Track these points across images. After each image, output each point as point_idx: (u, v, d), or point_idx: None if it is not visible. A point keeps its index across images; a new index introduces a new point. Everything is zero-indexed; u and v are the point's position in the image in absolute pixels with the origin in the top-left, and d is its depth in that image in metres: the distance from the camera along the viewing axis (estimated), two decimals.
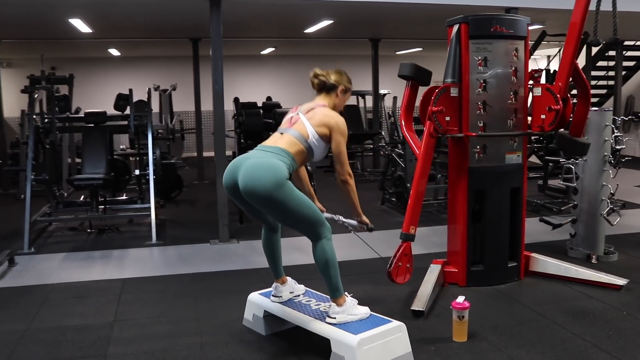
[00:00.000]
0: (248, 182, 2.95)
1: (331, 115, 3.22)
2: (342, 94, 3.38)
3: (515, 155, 4.24)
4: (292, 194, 2.98)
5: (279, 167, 2.98)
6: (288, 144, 3.13)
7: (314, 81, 3.37)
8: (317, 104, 3.30)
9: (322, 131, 3.17)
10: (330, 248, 3.10)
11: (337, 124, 3.19)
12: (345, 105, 10.15)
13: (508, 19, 4.05)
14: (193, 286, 4.41)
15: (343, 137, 3.21)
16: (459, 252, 4.26)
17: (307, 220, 3.05)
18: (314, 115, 3.21)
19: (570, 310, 3.78)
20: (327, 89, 3.35)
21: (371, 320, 3.15)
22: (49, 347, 3.37)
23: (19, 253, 5.28)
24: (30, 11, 6.47)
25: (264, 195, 2.93)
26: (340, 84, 3.35)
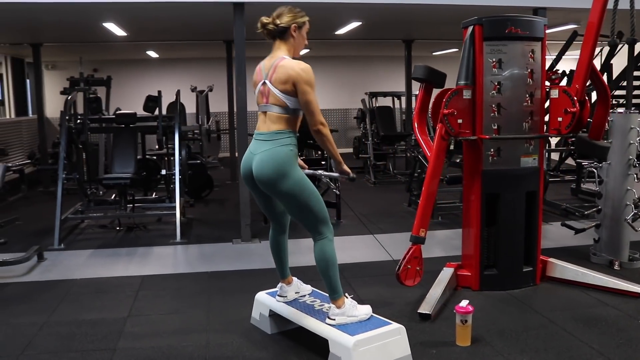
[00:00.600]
0: (258, 173, 3.05)
1: (290, 66, 3.00)
2: (297, 32, 3.10)
3: (531, 158, 4.18)
4: (300, 185, 3.04)
5: (284, 157, 3.02)
6: (276, 122, 3.06)
7: (263, 32, 3.10)
8: (276, 59, 3.06)
9: (289, 89, 3.00)
10: (331, 249, 3.13)
11: (298, 74, 2.98)
12: (378, 106, 10.18)
13: (523, 20, 3.99)
14: (209, 284, 4.50)
15: (308, 85, 2.99)
16: (472, 255, 4.22)
17: (313, 214, 3.09)
18: (277, 76, 3.02)
19: (583, 317, 3.70)
20: (279, 34, 3.09)
21: (371, 321, 3.16)
22: (64, 339, 3.51)
23: (49, 249, 5.50)
24: (66, 16, 6.72)
25: (272, 186, 3.03)
26: (292, 23, 3.07)
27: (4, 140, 9.60)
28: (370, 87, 11.53)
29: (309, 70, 3.01)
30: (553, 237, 5.68)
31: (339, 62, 13.64)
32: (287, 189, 3.03)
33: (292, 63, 3.03)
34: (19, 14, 6.51)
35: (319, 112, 3.04)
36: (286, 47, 3.11)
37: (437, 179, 4.02)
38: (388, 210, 7.07)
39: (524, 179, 4.17)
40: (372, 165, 9.26)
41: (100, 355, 3.29)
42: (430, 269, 4.28)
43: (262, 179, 3.06)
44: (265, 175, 3.04)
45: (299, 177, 3.06)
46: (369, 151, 9.30)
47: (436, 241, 5.69)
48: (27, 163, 8.33)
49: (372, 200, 7.93)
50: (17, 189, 8.48)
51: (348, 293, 3.30)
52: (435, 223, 6.42)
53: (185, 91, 10.96)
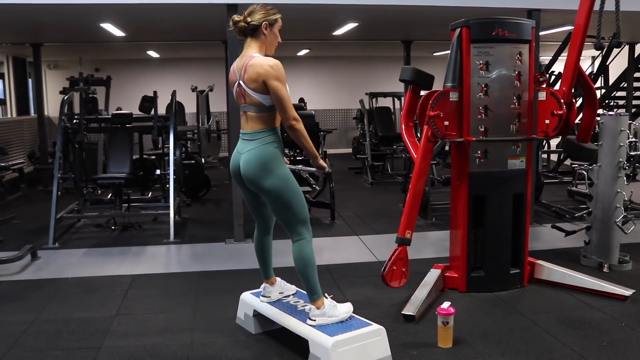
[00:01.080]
0: (247, 170, 3.10)
1: (259, 64, 2.99)
2: (268, 30, 3.09)
3: (519, 160, 4.18)
4: (285, 183, 3.09)
5: (268, 155, 3.07)
6: (257, 121, 3.09)
7: (235, 30, 3.11)
8: (247, 58, 3.06)
9: (259, 87, 3.00)
10: (309, 250, 3.15)
11: (267, 71, 2.97)
12: (377, 107, 10.18)
13: (510, 23, 4.00)
14: (198, 284, 4.54)
15: (278, 80, 2.97)
16: (459, 257, 4.23)
17: (294, 214, 3.12)
18: (248, 76, 3.02)
19: (567, 320, 3.71)
20: (250, 32, 3.08)
21: (351, 322, 3.18)
22: (51, 337, 3.55)
23: (43, 247, 5.54)
24: (64, 17, 6.77)
25: (257, 183, 3.09)
26: (262, 21, 3.06)
27: (5, 139, 9.67)
28: (371, 87, 11.53)
29: (278, 66, 3.00)
30: (545, 239, 5.68)
31: (340, 62, 13.66)
32: (271, 185, 3.08)
33: (261, 60, 3.02)
34: (18, 14, 6.56)
35: (291, 108, 3.03)
36: (257, 45, 3.11)
37: (423, 180, 4.04)
38: (383, 211, 7.08)
39: (511, 181, 4.18)
40: (370, 165, 9.28)
41: (85, 353, 3.32)
42: (421, 270, 4.31)
43: (248, 177, 3.12)
44: (251, 173, 3.10)
45: (283, 174, 3.11)
46: (367, 152, 9.32)
47: (429, 242, 5.70)
48: (18, 163, 8.39)
49: (368, 201, 7.95)
50: (17, 188, 8.55)
51: (328, 293, 3.33)
52: (428, 224, 6.44)
53: (186, 91, 11.05)
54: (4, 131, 9.83)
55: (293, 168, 3.45)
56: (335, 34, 8.67)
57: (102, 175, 6.17)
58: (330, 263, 5.01)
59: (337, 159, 12.35)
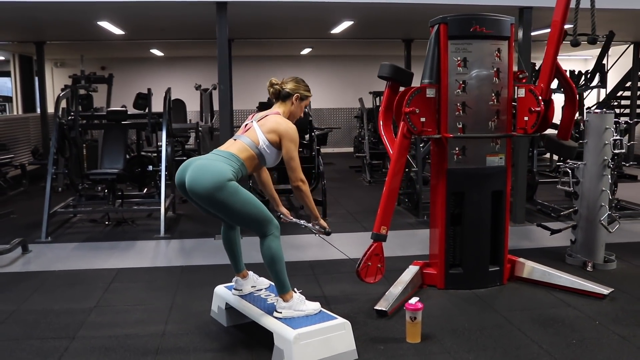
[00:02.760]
0: (191, 182, 3.09)
1: (281, 122, 3.30)
2: (297, 102, 3.44)
3: (498, 157, 4.18)
4: (234, 195, 3.06)
5: (222, 170, 3.07)
6: (239, 149, 3.25)
7: (269, 90, 3.45)
8: (271, 112, 3.41)
9: (272, 138, 3.26)
10: (277, 245, 3.18)
11: (287, 131, 3.27)
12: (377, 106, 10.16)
13: (488, 19, 3.99)
14: (180, 278, 4.58)
15: (293, 143, 3.27)
16: (437, 254, 4.23)
17: (251, 219, 3.14)
18: (266, 122, 3.31)
19: (541, 318, 3.70)
20: (282, 97, 3.43)
21: (317, 316, 3.20)
22: (28, 327, 3.61)
23: (36, 241, 5.63)
24: (62, 15, 6.87)
25: (205, 196, 3.06)
26: (296, 92, 3.42)
27: (11, 136, 9.83)
28: (374, 86, 11.51)
29: (295, 131, 3.30)
30: (534, 238, 5.66)
31: (343, 61, 13.68)
32: (220, 201, 3.05)
33: (284, 120, 3.33)
34: (19, 12, 6.68)
35: (299, 170, 3.29)
36: (283, 109, 3.42)
37: (399, 176, 4.06)
38: (377, 209, 7.06)
39: (490, 178, 4.17)
40: (369, 164, 9.28)
41: (58, 343, 3.38)
42: (405, 267, 4.33)
43: (194, 189, 3.07)
44: (198, 185, 3.05)
45: (232, 189, 3.05)
46: (366, 150, 9.33)
47: (416, 240, 5.70)
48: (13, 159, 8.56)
49: (364, 199, 7.95)
50: (19, 184, 8.69)
51: (298, 288, 3.35)
52: (419, 222, 6.44)
53: (190, 89, 11.14)
54: (10, 128, 9.99)
55: (296, 222, 3.59)
56: (334, 32, 8.69)
57: (94, 170, 6.24)
58: (313, 259, 5.04)
59: (340, 158, 12.40)
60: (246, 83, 12.65)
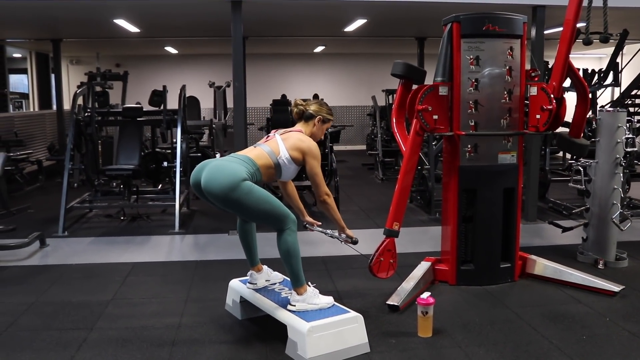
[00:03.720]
0: (206, 182, 3.15)
1: (304, 140, 3.42)
2: (319, 124, 3.56)
3: (510, 155, 4.20)
4: (249, 194, 3.12)
5: (237, 171, 3.14)
6: (257, 155, 3.34)
7: (294, 110, 3.59)
8: (294, 129, 3.53)
9: (294, 154, 3.37)
10: (293, 239, 3.23)
11: (310, 148, 3.38)
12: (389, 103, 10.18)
13: (501, 18, 4.02)
14: (195, 272, 4.66)
15: (316, 160, 3.40)
16: (449, 250, 4.27)
17: (267, 216, 3.20)
18: (288, 138, 3.42)
19: (551, 314, 3.73)
20: (305, 117, 3.56)
21: (330, 310, 3.26)
22: (47, 318, 3.70)
23: (53, 236, 5.74)
24: (79, 13, 6.97)
25: (220, 196, 3.12)
26: (319, 115, 3.54)
27: (28, 132, 9.97)
28: (387, 84, 11.53)
29: (317, 149, 3.44)
30: (545, 235, 5.68)
31: (356, 59, 13.71)
32: (234, 201, 3.12)
33: (306, 138, 3.46)
34: (36, 11, 6.79)
35: (324, 184, 3.45)
36: (305, 129, 3.55)
37: (411, 173, 4.10)
38: (389, 206, 7.11)
39: (501, 176, 4.20)
40: (381, 161, 9.32)
41: (77, 334, 3.46)
42: (416, 263, 4.37)
43: (209, 189, 3.13)
44: (213, 185, 3.11)
45: (246, 189, 3.11)
46: (378, 148, 9.36)
47: (428, 237, 5.73)
48: (28, 154, 8.68)
49: (376, 196, 8.00)
50: (35, 180, 8.81)
51: (311, 282, 3.41)
52: (431, 219, 6.47)
53: (204, 86, 11.22)
54: (27, 124, 10.13)
55: (322, 231, 3.73)
56: (347, 30, 8.73)
57: (109, 167, 6.33)
58: (326, 255, 5.09)
59: (353, 155, 12.45)
60: (259, 81, 12.73)
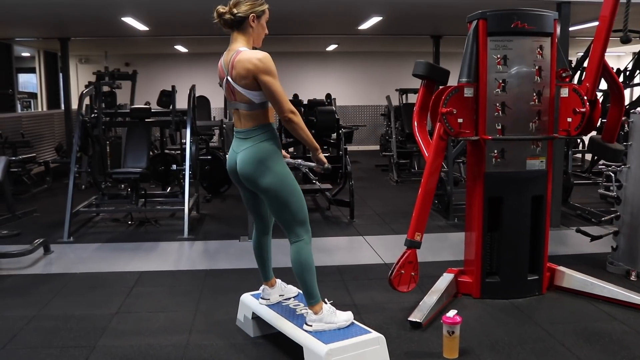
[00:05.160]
0: (244, 169, 2.99)
1: (247, 59, 2.83)
2: (255, 22, 2.94)
3: (538, 160, 3.95)
4: (283, 180, 2.97)
5: (264, 153, 2.94)
6: (249, 119, 2.94)
7: (220, 22, 2.95)
8: (233, 53, 2.90)
9: (249, 83, 2.85)
10: (308, 252, 3.01)
11: (256, 66, 2.80)
12: (404, 104, 10.01)
13: (531, 14, 3.77)
14: (204, 282, 4.44)
15: (268, 74, 2.81)
16: (473, 261, 4.03)
17: (292, 213, 2.99)
18: (236, 73, 2.86)
19: (585, 332, 3.47)
20: (236, 24, 2.92)
21: (349, 329, 3.02)
22: (48, 334, 3.49)
23: (58, 241, 5.55)
24: (86, 11, 6.79)
25: (255, 182, 2.98)
26: (250, 12, 2.90)
27: (36, 132, 9.82)
28: (401, 83, 11.30)
29: (267, 59, 2.83)
30: (571, 243, 5.42)
31: (369, 57, 13.46)
32: (269, 184, 2.95)
33: (249, 54, 2.85)
34: (44, 9, 6.64)
35: (286, 100, 2.88)
36: (244, 38, 2.95)
37: (434, 180, 3.85)
38: (405, 211, 6.84)
39: (530, 183, 3.95)
40: (396, 163, 9.07)
41: (78, 352, 3.25)
42: (437, 273, 4.14)
43: (245, 175, 3.01)
44: (248, 171, 2.98)
45: (281, 172, 2.98)
46: (393, 149, 9.11)
47: (448, 244, 5.49)
48: (32, 158, 8.51)
49: (391, 199, 7.76)
50: (42, 181, 8.65)
51: (329, 298, 3.18)
52: (450, 224, 6.23)
53: (214, 86, 11.02)
54: (35, 124, 9.99)
55: (292, 162, 3.31)
56: (361, 29, 8.49)
57: (117, 170, 6.13)
58: (342, 264, 4.86)
59: (365, 156, 12.20)
60: None
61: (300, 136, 3.00)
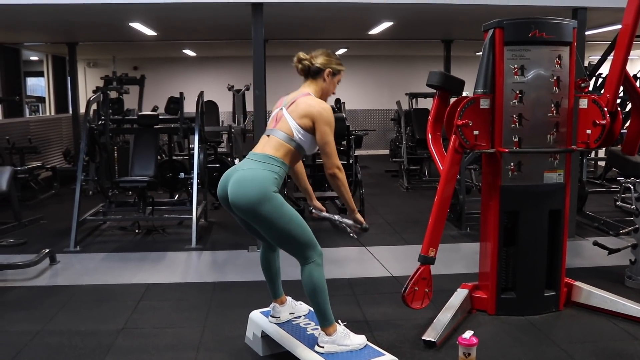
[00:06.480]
0: (234, 195, 2.83)
1: (313, 104, 2.95)
2: (330, 78, 3.08)
3: (556, 174, 3.83)
4: (279, 209, 2.81)
5: (265, 181, 2.81)
6: (275, 148, 2.92)
7: (297, 66, 3.08)
8: (301, 94, 3.03)
9: (305, 123, 2.92)
10: (319, 274, 2.90)
11: (320, 113, 2.91)
12: (414, 108, 9.88)
13: (549, 23, 3.65)
14: (212, 296, 4.34)
15: (328, 126, 2.92)
16: (488, 277, 3.91)
17: (295, 240, 2.86)
18: (296, 108, 2.96)
19: (606, 353, 3.35)
20: (312, 74, 3.07)
21: (363, 352, 2.93)
22: (52, 351, 3.41)
23: (64, 251, 5.47)
24: (94, 17, 6.72)
25: (248, 209, 2.81)
26: (327, 67, 3.05)
27: (44, 137, 9.77)
28: (411, 87, 11.17)
29: (330, 111, 2.96)
30: (586, 255, 5.28)
31: (379, 61, 13.34)
32: (264, 215, 2.79)
33: (317, 101, 2.98)
34: (52, 15, 6.57)
35: (335, 155, 2.96)
36: (314, 88, 3.07)
37: (449, 193, 3.74)
38: (416, 219, 6.75)
39: (547, 196, 3.83)
40: (406, 169, 8.95)
41: None
42: (449, 287, 4.04)
43: (237, 202, 2.83)
44: (241, 198, 2.81)
45: (277, 202, 2.81)
46: (403, 155, 8.99)
47: (460, 255, 5.37)
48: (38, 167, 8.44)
49: (402, 207, 7.64)
50: (50, 187, 8.59)
51: (342, 320, 3.07)
52: (462, 234, 6.11)
53: (223, 90, 10.94)
54: (43, 129, 9.94)
55: (329, 217, 3.29)
56: (371, 33, 8.39)
57: (124, 178, 6.05)
58: (352, 277, 4.76)
59: (375, 161, 12.08)
60: (279, 83, 12.33)
61: (341, 193, 3.05)
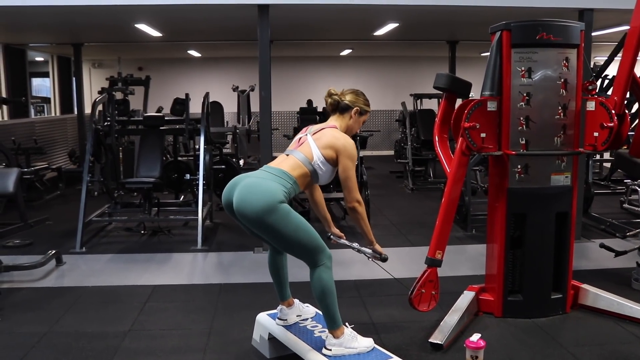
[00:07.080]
0: (239, 203, 2.83)
1: (338, 137, 3.05)
2: (357, 116, 3.20)
3: (563, 176, 3.82)
4: (286, 219, 2.81)
5: (273, 191, 2.81)
6: (291, 166, 2.98)
7: (327, 100, 3.21)
8: (328, 125, 3.16)
9: (328, 154, 3.01)
10: (328, 277, 2.90)
11: (345, 147, 3.01)
12: (419, 109, 9.88)
13: (556, 25, 3.64)
14: (219, 298, 4.35)
15: (351, 160, 3.01)
16: (495, 279, 3.91)
17: (303, 246, 2.87)
18: (321, 137, 3.06)
19: (613, 355, 3.35)
20: (340, 109, 3.19)
21: (370, 355, 2.93)
22: (59, 353, 3.42)
23: (70, 252, 5.48)
24: (100, 18, 6.74)
25: (254, 218, 2.80)
26: (355, 105, 3.18)
27: (49, 137, 9.78)
28: (416, 88, 11.17)
29: (353, 147, 3.05)
30: (593, 257, 5.27)
31: (384, 62, 13.33)
32: (269, 225, 2.79)
33: (342, 135, 3.08)
34: (58, 16, 6.59)
35: (356, 189, 3.04)
36: (340, 123, 3.18)
37: (456, 195, 3.74)
38: (422, 220, 6.75)
39: (554, 199, 3.83)
40: (411, 170, 8.95)
41: None
42: (455, 289, 4.03)
43: (242, 210, 2.82)
44: (247, 206, 2.80)
45: (284, 212, 2.80)
46: (408, 156, 8.99)
47: (466, 257, 5.37)
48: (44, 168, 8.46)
49: (407, 208, 7.63)
50: (55, 187, 8.60)
51: (349, 322, 3.08)
52: (468, 236, 6.10)
53: (227, 90, 10.95)
54: (48, 129, 9.95)
55: (348, 244, 3.31)
56: (377, 34, 8.38)
57: (129, 179, 6.05)
58: (358, 278, 4.76)
59: (380, 162, 12.07)
60: (284, 84, 12.41)
61: (360, 226, 3.14)
